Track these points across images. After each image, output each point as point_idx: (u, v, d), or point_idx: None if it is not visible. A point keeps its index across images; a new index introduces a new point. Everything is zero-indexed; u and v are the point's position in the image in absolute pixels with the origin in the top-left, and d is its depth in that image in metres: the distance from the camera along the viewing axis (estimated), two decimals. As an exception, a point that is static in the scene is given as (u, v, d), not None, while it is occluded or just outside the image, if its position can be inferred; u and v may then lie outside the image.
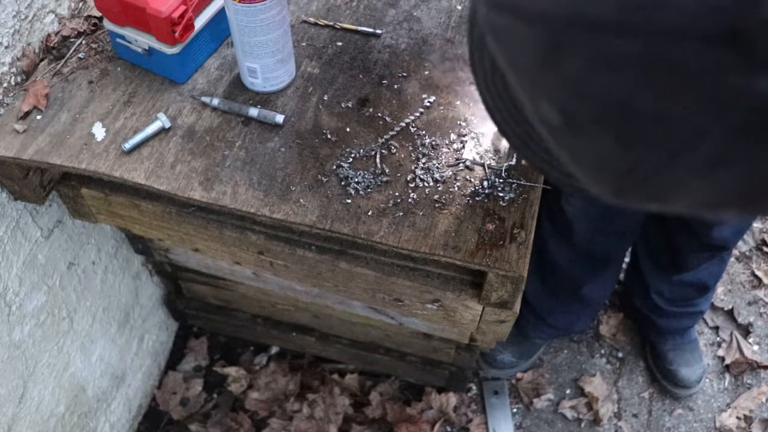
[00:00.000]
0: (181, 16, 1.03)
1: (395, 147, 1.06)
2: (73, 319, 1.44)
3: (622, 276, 2.01)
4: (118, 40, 1.12)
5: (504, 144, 1.06)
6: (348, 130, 1.08)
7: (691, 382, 1.90)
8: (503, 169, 1.03)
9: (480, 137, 1.07)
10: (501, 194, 1.01)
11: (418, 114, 1.10)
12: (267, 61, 1.06)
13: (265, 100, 1.12)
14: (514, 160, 1.05)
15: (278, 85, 1.12)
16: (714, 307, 2.06)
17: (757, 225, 2.22)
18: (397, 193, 1.01)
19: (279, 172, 1.03)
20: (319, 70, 1.16)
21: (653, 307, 1.84)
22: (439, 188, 1.02)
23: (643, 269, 1.80)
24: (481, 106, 1.08)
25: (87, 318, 1.49)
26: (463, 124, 1.09)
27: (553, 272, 1.70)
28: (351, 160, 1.05)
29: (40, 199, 1.15)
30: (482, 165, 1.04)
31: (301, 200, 1.00)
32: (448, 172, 1.03)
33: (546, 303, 1.80)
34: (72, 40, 1.18)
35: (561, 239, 1.59)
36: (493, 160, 1.04)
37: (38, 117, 1.08)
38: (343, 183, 1.02)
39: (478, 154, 1.05)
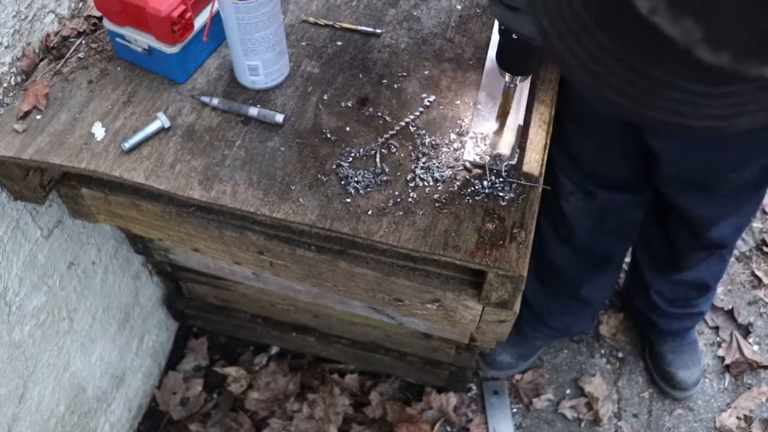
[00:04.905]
0: (181, 15, 1.03)
1: (395, 146, 1.06)
2: (73, 319, 1.44)
3: (622, 276, 2.01)
4: (118, 39, 1.12)
5: (506, 144, 1.06)
6: (348, 129, 1.08)
7: (689, 384, 1.90)
8: (503, 169, 1.03)
9: (480, 137, 1.07)
10: (501, 194, 1.01)
11: (418, 113, 1.10)
12: (268, 55, 1.07)
13: (264, 99, 1.12)
14: (515, 159, 1.05)
15: (279, 79, 1.12)
16: (714, 307, 2.05)
17: (757, 225, 2.22)
18: (396, 193, 1.01)
19: (279, 171, 1.03)
20: (318, 70, 1.16)
21: (653, 308, 1.84)
22: (439, 188, 1.02)
23: (643, 269, 1.80)
24: (480, 107, 1.09)
25: (87, 318, 1.49)
26: (463, 123, 1.09)
27: (552, 273, 1.69)
28: (351, 159, 1.04)
29: (40, 199, 1.15)
30: (482, 165, 1.04)
31: (301, 199, 1.00)
32: (448, 172, 1.03)
33: (545, 304, 1.79)
34: (72, 40, 1.18)
35: (560, 239, 1.59)
36: (494, 159, 1.04)
37: (38, 117, 1.08)
38: (342, 182, 1.02)
39: (477, 154, 1.05)
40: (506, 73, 1.01)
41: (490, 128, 1.08)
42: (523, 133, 1.08)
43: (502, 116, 1.08)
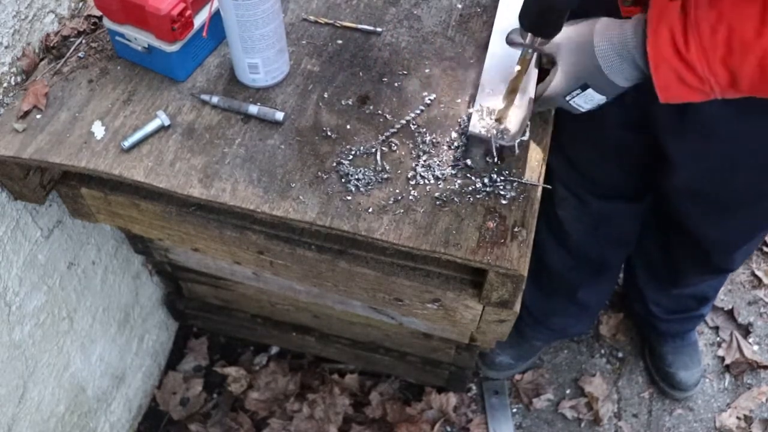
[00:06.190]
0: (181, 13, 1.03)
1: (396, 144, 1.06)
2: (73, 319, 1.44)
3: (622, 275, 2.01)
4: (118, 38, 1.12)
5: (515, 120, 1.03)
6: (348, 127, 1.08)
7: (689, 385, 1.90)
8: (514, 145, 1.00)
9: (486, 110, 1.03)
10: (502, 192, 1.01)
11: (418, 112, 1.09)
12: (268, 53, 1.07)
13: (264, 97, 1.11)
14: (527, 136, 1.03)
15: (279, 77, 1.12)
16: (714, 307, 2.05)
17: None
18: (397, 191, 1.01)
19: (279, 169, 1.03)
20: (319, 68, 1.15)
21: (652, 314, 1.83)
22: (440, 185, 1.02)
23: (640, 281, 1.79)
24: (485, 84, 1.08)
25: (87, 318, 1.49)
26: (464, 121, 1.09)
27: (549, 276, 1.69)
28: (351, 157, 1.04)
29: (40, 199, 1.15)
30: (487, 139, 1.01)
31: (301, 197, 1.00)
32: (449, 170, 1.03)
33: (543, 306, 1.79)
34: (72, 39, 1.18)
35: (557, 243, 1.59)
36: (501, 133, 1.01)
37: (38, 116, 1.08)
38: (343, 180, 1.02)
39: (483, 127, 1.01)
40: (527, 34, 0.95)
41: (497, 103, 1.03)
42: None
43: (512, 91, 1.02)
